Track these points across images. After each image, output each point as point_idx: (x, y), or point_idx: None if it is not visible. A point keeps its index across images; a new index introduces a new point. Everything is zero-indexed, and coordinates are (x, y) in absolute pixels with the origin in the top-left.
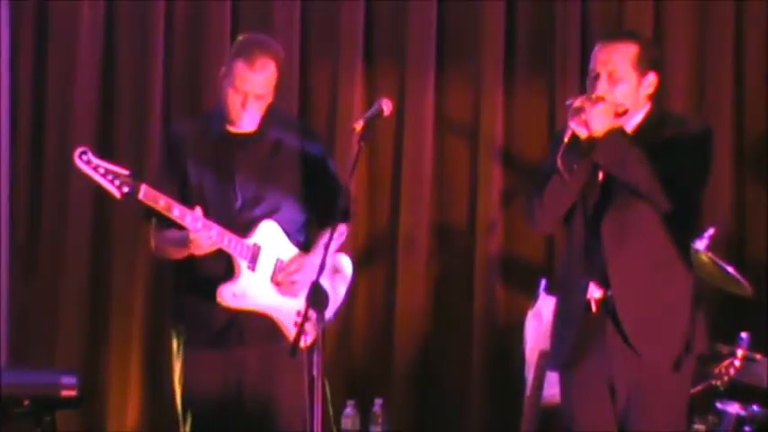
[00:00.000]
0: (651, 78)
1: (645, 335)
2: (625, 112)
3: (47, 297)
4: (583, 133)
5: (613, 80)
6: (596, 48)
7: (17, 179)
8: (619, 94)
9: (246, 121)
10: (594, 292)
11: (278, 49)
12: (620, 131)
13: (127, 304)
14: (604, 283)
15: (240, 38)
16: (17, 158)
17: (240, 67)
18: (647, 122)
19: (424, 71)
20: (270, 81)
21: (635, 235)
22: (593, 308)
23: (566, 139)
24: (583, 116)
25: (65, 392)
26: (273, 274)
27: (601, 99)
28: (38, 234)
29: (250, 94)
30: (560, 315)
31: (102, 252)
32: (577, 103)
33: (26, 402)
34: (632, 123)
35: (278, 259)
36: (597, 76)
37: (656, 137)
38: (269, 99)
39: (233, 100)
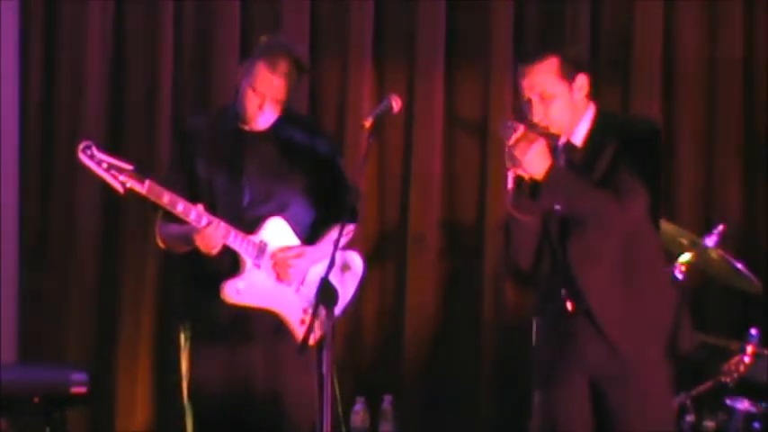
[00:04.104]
0: (581, 80)
1: (625, 334)
2: (558, 136)
3: (56, 295)
4: (526, 175)
5: (545, 101)
6: (519, 71)
7: (27, 178)
8: (555, 112)
9: (261, 121)
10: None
11: (301, 54)
12: (559, 169)
13: (136, 302)
14: (577, 298)
15: (264, 39)
16: (27, 158)
17: (262, 69)
18: (596, 128)
19: (434, 69)
20: (289, 86)
21: (602, 250)
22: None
23: (510, 186)
24: (518, 163)
25: (75, 389)
26: (273, 254)
27: (530, 139)
28: (48, 232)
29: (268, 97)
30: (540, 334)
31: (111, 250)
32: (509, 149)
33: (36, 399)
34: (580, 134)
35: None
36: (529, 101)
37: (605, 145)
38: (285, 103)
39: (251, 101)
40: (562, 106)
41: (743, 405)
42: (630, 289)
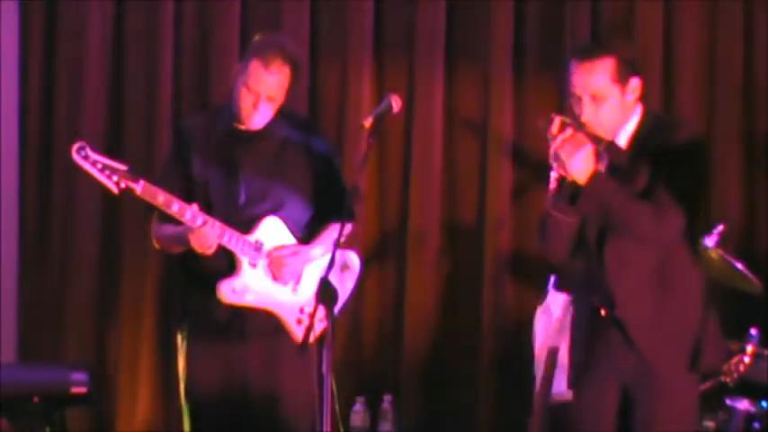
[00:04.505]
0: (634, 83)
1: (654, 344)
2: (605, 141)
3: (57, 295)
4: (569, 177)
5: (597, 101)
6: (572, 67)
7: (27, 178)
8: (604, 113)
9: (256, 120)
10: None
11: (295, 52)
12: (602, 177)
13: (136, 302)
14: (608, 304)
15: (258, 37)
16: (27, 158)
17: (256, 67)
18: (642, 131)
19: (433, 68)
20: (284, 84)
21: (637, 258)
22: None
23: (552, 186)
24: (562, 164)
25: (75, 389)
26: (269, 253)
27: (577, 142)
28: (47, 232)
29: (263, 95)
30: (575, 332)
31: (111, 250)
32: (554, 148)
33: (36, 399)
34: (626, 134)
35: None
36: (579, 99)
37: (649, 150)
38: (280, 101)
39: (245, 99)
40: (612, 108)
41: (743, 405)
42: (663, 298)
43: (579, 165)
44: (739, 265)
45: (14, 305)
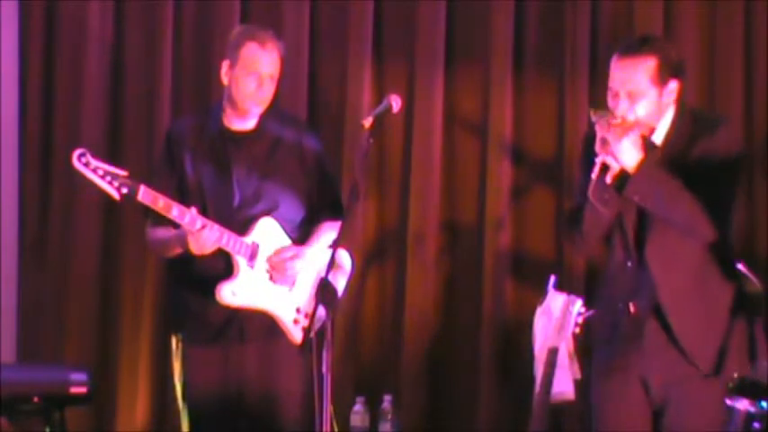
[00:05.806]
0: (672, 86)
1: (697, 344)
2: (652, 131)
3: (56, 295)
4: (614, 166)
5: (633, 98)
6: (614, 61)
7: (26, 178)
8: (640, 111)
9: (259, 104)
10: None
11: (280, 41)
12: (653, 165)
13: (136, 302)
14: (648, 300)
15: (237, 30)
16: (26, 158)
17: (252, 48)
18: (676, 132)
19: (433, 68)
20: (278, 65)
21: (680, 252)
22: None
23: (595, 175)
24: (610, 149)
25: (75, 389)
26: (269, 258)
27: (626, 127)
28: (47, 232)
29: (265, 74)
30: (600, 331)
31: (111, 250)
32: (601, 133)
33: (36, 399)
34: (660, 135)
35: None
36: (616, 95)
37: (687, 151)
38: (277, 80)
39: (246, 86)
40: (648, 107)
41: (743, 405)
42: (704, 298)
43: (627, 149)
44: (740, 265)
45: (14, 305)
